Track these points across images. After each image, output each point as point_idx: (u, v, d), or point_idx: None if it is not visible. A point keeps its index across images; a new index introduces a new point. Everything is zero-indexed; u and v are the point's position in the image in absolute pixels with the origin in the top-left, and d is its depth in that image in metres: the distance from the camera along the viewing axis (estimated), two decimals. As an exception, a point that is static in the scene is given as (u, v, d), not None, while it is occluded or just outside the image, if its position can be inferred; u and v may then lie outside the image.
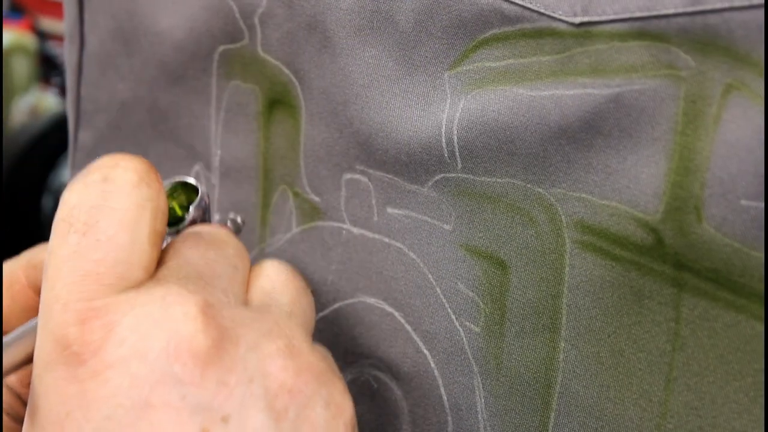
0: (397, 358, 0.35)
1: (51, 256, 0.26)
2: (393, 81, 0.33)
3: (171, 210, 0.32)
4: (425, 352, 0.34)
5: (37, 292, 0.34)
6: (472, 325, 0.32)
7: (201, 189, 0.32)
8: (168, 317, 0.25)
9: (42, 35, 1.73)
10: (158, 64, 0.41)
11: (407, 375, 0.35)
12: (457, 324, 0.33)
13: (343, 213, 0.36)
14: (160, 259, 0.28)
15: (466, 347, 0.32)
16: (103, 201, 0.27)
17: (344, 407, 0.27)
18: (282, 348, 0.27)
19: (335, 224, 0.36)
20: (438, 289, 0.33)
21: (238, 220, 0.35)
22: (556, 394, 0.30)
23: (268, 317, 0.28)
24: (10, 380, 0.30)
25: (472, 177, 0.31)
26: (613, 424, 0.29)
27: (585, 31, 0.28)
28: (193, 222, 0.32)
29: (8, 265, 0.34)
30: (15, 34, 1.65)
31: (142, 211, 0.27)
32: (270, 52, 0.37)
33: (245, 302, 0.29)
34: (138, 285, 0.26)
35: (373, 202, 0.35)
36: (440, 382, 0.34)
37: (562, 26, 0.28)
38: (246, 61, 0.38)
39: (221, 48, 0.38)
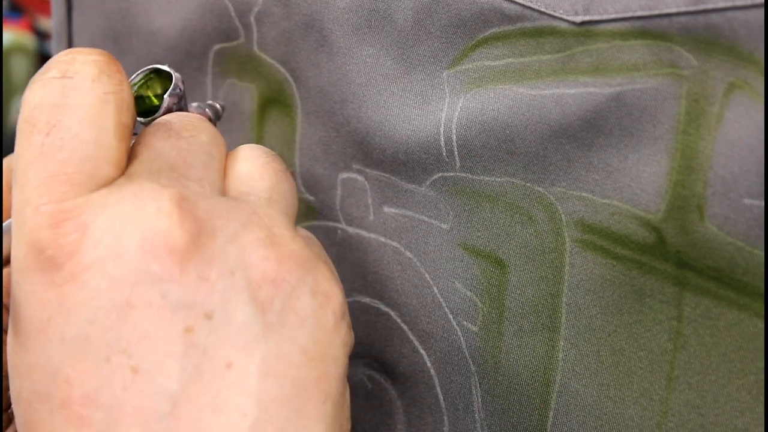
0: (392, 358, 0.35)
1: (18, 160, 0.25)
2: (391, 80, 0.33)
3: (146, 99, 0.31)
4: (422, 351, 0.34)
5: None
6: (470, 325, 0.32)
7: (175, 75, 0.31)
8: (142, 214, 0.24)
9: (41, 35, 1.72)
10: (152, 62, 0.41)
11: (403, 375, 0.35)
12: (454, 323, 0.33)
13: (338, 212, 0.36)
14: (131, 153, 0.27)
15: (464, 347, 0.32)
16: (63, 98, 0.26)
17: (332, 294, 0.26)
18: (262, 237, 0.25)
19: (330, 224, 0.36)
20: (435, 289, 0.33)
21: (217, 105, 0.33)
22: (555, 393, 0.30)
23: (245, 206, 0.26)
24: None
25: (470, 176, 0.31)
26: (613, 422, 0.29)
27: (586, 30, 0.28)
28: (169, 111, 0.30)
29: None
30: (14, 34, 1.64)
31: (104, 104, 0.26)
32: (266, 51, 0.36)
33: (222, 191, 0.28)
34: (109, 182, 0.25)
35: (370, 201, 0.35)
36: (436, 381, 0.34)
37: (563, 25, 0.28)
38: (242, 60, 0.37)
39: (216, 47, 0.38)
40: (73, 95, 0.26)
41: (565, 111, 0.28)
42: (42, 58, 1.68)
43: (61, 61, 0.27)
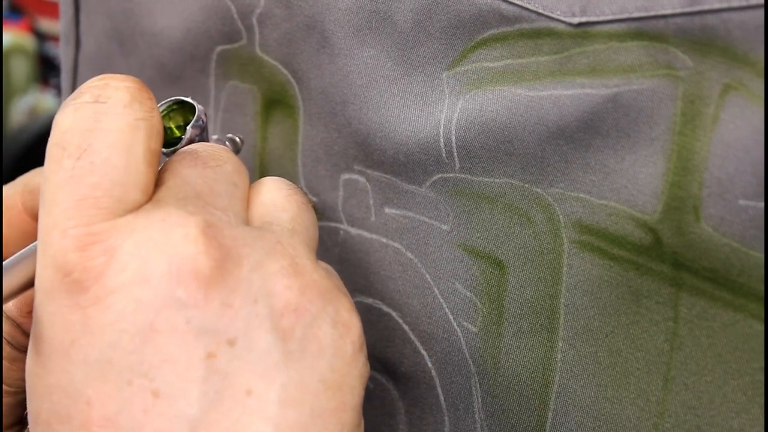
0: (394, 358, 0.35)
1: (46, 183, 0.26)
2: (391, 81, 0.33)
3: (168, 130, 0.31)
4: (423, 352, 0.34)
5: (34, 217, 0.33)
6: (470, 325, 0.32)
7: (198, 107, 0.31)
8: (169, 240, 0.25)
9: (41, 36, 1.73)
10: (155, 64, 0.41)
11: (404, 375, 0.35)
12: (454, 324, 0.33)
13: (340, 213, 0.36)
14: (158, 179, 0.27)
15: (464, 347, 0.32)
16: (96, 123, 0.26)
17: (351, 325, 0.27)
18: (286, 267, 0.26)
19: (333, 224, 0.36)
20: (436, 289, 0.33)
21: (237, 139, 0.34)
22: (554, 394, 0.30)
23: (270, 236, 0.27)
24: (9, 310, 0.30)
25: (469, 177, 0.31)
26: (611, 423, 0.29)
27: (583, 31, 0.28)
28: (191, 142, 0.31)
29: (4, 190, 0.33)
30: (14, 35, 1.65)
31: (135, 130, 0.26)
32: (268, 53, 0.37)
33: (246, 221, 0.28)
34: (136, 207, 0.26)
35: (371, 202, 0.35)
36: (437, 382, 0.34)
37: (561, 26, 0.28)
38: (244, 62, 0.38)
39: (219, 48, 0.38)
40: (105, 120, 0.26)
41: (563, 112, 0.28)
42: (41, 59, 1.69)
43: (94, 86, 0.27)
